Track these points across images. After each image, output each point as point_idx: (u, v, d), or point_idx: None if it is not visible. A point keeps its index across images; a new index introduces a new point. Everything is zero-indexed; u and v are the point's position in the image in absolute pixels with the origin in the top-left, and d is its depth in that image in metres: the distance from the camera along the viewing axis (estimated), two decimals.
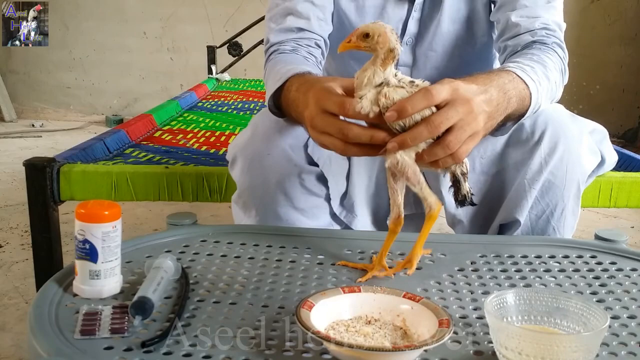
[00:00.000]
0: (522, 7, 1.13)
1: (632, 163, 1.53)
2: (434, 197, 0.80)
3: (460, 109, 0.78)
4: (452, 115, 0.77)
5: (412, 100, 0.76)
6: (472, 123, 0.80)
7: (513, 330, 0.61)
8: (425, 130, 0.76)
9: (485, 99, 0.83)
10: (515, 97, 0.92)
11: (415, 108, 0.76)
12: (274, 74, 1.05)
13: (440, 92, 0.77)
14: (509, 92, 0.90)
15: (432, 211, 0.81)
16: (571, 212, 1.05)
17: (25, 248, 2.15)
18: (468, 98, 0.79)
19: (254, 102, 2.86)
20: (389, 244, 0.85)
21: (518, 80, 0.94)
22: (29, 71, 4.98)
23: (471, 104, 0.79)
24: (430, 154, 0.78)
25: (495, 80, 0.90)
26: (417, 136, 0.77)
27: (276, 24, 1.17)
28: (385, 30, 0.76)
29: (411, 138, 0.76)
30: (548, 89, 1.01)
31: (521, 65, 0.98)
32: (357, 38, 0.77)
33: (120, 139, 1.76)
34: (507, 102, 0.90)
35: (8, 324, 1.64)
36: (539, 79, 0.98)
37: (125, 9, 4.83)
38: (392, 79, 0.78)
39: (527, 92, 0.95)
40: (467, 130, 0.79)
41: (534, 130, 1.01)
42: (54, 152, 1.52)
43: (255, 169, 1.01)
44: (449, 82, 0.80)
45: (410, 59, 1.22)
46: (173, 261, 0.79)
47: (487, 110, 0.83)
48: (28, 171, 1.30)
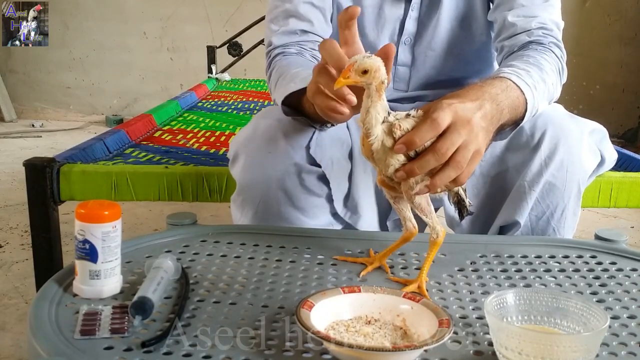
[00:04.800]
0: (519, 6, 1.12)
1: (632, 163, 1.53)
2: (440, 226, 0.81)
3: (462, 131, 0.79)
4: (456, 139, 0.78)
5: (419, 132, 0.76)
6: (474, 141, 0.80)
7: (513, 330, 0.61)
8: (433, 159, 0.77)
9: (481, 115, 0.84)
10: (507, 107, 0.91)
11: (423, 139, 0.77)
12: (291, 75, 1.04)
13: (444, 119, 0.78)
14: (501, 104, 0.90)
15: (439, 238, 0.82)
16: (572, 212, 1.05)
17: (25, 248, 2.15)
18: (468, 118, 0.80)
19: (254, 102, 2.86)
20: (395, 247, 0.86)
21: (513, 87, 0.93)
22: (29, 71, 4.98)
23: (471, 123, 0.80)
24: (442, 177, 0.79)
25: (488, 91, 0.89)
26: (424, 165, 0.77)
27: (278, 26, 1.17)
28: (379, 65, 0.76)
29: (419, 167, 0.77)
30: (544, 91, 1.00)
31: (516, 70, 0.97)
32: (355, 74, 0.76)
33: (120, 139, 1.76)
34: (499, 114, 0.90)
35: (8, 324, 1.64)
36: (535, 83, 0.97)
37: (125, 8, 4.83)
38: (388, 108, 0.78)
39: (521, 99, 0.94)
40: (471, 149, 0.80)
41: (534, 132, 1.01)
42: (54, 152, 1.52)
43: (255, 167, 1.01)
44: (447, 105, 0.80)
45: (409, 58, 1.22)
46: (173, 261, 0.79)
47: (484, 126, 0.84)
48: (28, 171, 1.30)
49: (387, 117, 0.77)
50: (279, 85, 1.06)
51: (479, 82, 0.93)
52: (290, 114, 1.02)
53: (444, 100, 0.81)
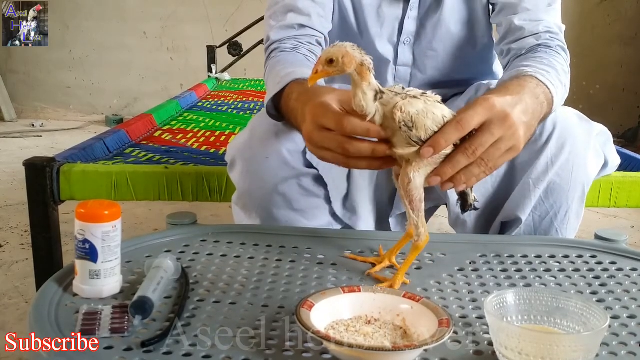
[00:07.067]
0: (524, 10, 1.13)
1: (632, 163, 1.53)
2: (425, 228, 0.81)
3: (496, 130, 0.79)
4: (487, 139, 0.79)
5: (445, 134, 0.77)
6: (511, 139, 0.81)
7: (513, 330, 0.61)
8: (463, 158, 0.79)
9: (522, 109, 0.84)
10: (545, 101, 0.93)
11: (449, 141, 0.77)
12: (274, 75, 1.04)
13: (471, 121, 0.78)
14: (540, 97, 0.92)
15: (420, 242, 0.81)
16: (575, 214, 1.05)
17: (25, 248, 2.15)
18: (506, 114, 0.80)
19: (254, 102, 2.86)
20: (402, 244, 0.87)
21: (541, 84, 0.95)
22: (29, 71, 4.98)
23: (510, 119, 0.80)
24: (467, 173, 0.80)
25: (526, 87, 0.91)
26: (456, 165, 0.79)
27: (276, 22, 1.17)
28: (347, 50, 0.76)
29: (451, 167, 0.79)
30: (562, 91, 1.02)
31: (538, 70, 0.99)
32: (323, 66, 0.76)
33: (120, 139, 1.76)
34: (540, 108, 0.91)
35: (8, 324, 1.64)
36: (555, 82, 0.99)
37: (125, 8, 4.83)
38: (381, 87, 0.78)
39: (550, 95, 0.96)
40: (502, 148, 0.81)
41: (542, 131, 1.01)
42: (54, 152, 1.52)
43: (253, 173, 1.01)
44: (482, 101, 0.80)
45: (410, 58, 1.22)
46: (173, 261, 0.79)
47: (525, 120, 0.84)
48: (28, 171, 1.30)
49: (382, 94, 0.77)
50: (269, 86, 1.06)
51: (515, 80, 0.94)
52: (276, 118, 1.02)
53: (482, 96, 0.82)
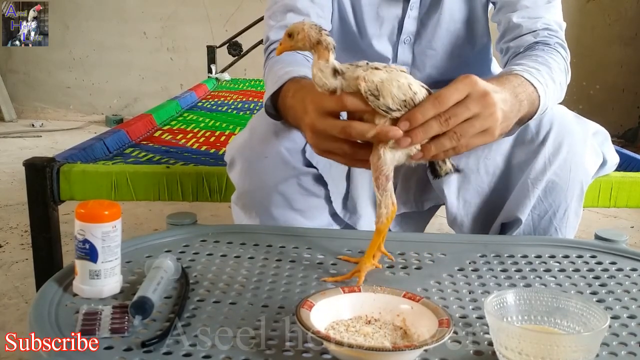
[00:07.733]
0: (523, 8, 1.13)
1: (632, 163, 1.53)
2: (388, 210, 0.81)
3: (473, 105, 0.80)
4: (462, 112, 0.80)
5: (422, 108, 0.78)
6: (489, 118, 0.81)
7: (513, 330, 0.61)
8: (436, 124, 0.79)
9: (501, 97, 0.85)
10: (526, 100, 0.93)
11: (426, 116, 0.78)
12: (272, 74, 1.05)
13: (450, 97, 0.79)
14: (519, 95, 0.92)
15: (381, 224, 0.81)
16: (574, 213, 1.05)
17: (25, 248, 2.15)
18: (486, 92, 0.81)
19: (254, 102, 2.86)
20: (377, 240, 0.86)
21: (527, 83, 0.95)
22: (29, 71, 4.98)
23: (487, 98, 0.81)
24: (437, 144, 0.80)
25: (506, 83, 0.91)
26: (428, 129, 0.79)
27: (276, 21, 1.17)
28: (304, 27, 0.79)
29: (423, 130, 0.79)
30: (554, 90, 1.01)
31: (527, 68, 0.98)
32: (285, 39, 0.81)
33: (120, 139, 1.76)
34: (519, 105, 0.91)
35: (8, 324, 1.64)
36: (546, 81, 0.98)
37: (125, 8, 4.83)
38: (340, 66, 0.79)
39: (535, 95, 0.95)
40: (477, 126, 0.81)
41: (539, 131, 1.01)
42: (54, 152, 1.52)
43: (252, 172, 1.01)
44: (464, 78, 0.81)
45: (410, 57, 1.22)
46: (173, 261, 0.79)
47: (504, 109, 0.85)
48: (28, 171, 1.30)
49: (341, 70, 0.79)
50: (267, 85, 1.06)
51: (496, 77, 0.94)
52: (275, 117, 1.02)
53: (464, 75, 0.82)
